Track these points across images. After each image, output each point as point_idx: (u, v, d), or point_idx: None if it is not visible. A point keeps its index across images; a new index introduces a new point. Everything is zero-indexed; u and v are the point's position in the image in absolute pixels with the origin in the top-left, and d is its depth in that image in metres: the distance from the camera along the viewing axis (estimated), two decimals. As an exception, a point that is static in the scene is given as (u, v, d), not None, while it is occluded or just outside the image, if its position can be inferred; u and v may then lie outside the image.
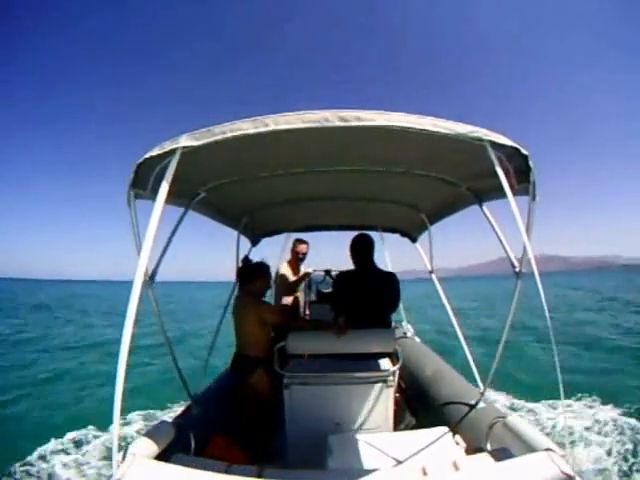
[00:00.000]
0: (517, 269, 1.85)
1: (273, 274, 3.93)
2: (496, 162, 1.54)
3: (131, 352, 1.26)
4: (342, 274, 2.89)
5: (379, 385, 2.34)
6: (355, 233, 2.93)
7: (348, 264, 2.96)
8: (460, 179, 2.33)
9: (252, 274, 2.87)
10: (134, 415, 5.01)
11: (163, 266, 2.09)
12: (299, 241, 4.25)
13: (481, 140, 1.51)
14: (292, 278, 4.09)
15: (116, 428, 1.21)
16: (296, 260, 4.22)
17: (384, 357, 2.56)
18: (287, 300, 4.06)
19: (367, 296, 2.62)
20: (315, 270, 4.60)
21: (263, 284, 2.88)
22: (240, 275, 3.00)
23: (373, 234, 3.02)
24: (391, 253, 4.90)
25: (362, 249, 2.76)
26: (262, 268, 2.92)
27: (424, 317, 13.65)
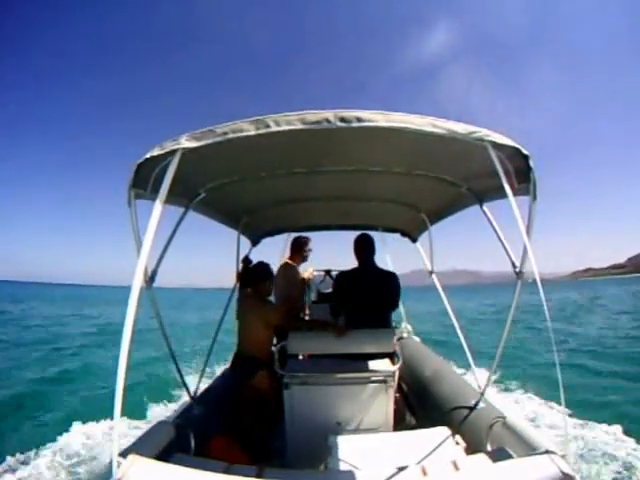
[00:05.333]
0: (517, 269, 1.85)
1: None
2: (497, 162, 1.54)
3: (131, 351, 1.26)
4: (343, 273, 2.94)
5: (379, 385, 2.34)
6: (355, 233, 2.94)
7: (347, 264, 2.97)
8: (461, 179, 2.33)
9: (263, 275, 2.89)
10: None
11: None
12: (308, 239, 4.10)
13: (482, 140, 1.51)
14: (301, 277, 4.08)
15: (116, 428, 1.21)
16: (302, 259, 4.14)
17: (384, 357, 2.57)
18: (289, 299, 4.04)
19: (367, 293, 2.66)
20: (315, 270, 4.60)
21: (271, 285, 2.94)
22: (247, 276, 2.99)
23: (374, 234, 3.03)
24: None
25: (364, 248, 2.84)
26: (270, 269, 2.98)
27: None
